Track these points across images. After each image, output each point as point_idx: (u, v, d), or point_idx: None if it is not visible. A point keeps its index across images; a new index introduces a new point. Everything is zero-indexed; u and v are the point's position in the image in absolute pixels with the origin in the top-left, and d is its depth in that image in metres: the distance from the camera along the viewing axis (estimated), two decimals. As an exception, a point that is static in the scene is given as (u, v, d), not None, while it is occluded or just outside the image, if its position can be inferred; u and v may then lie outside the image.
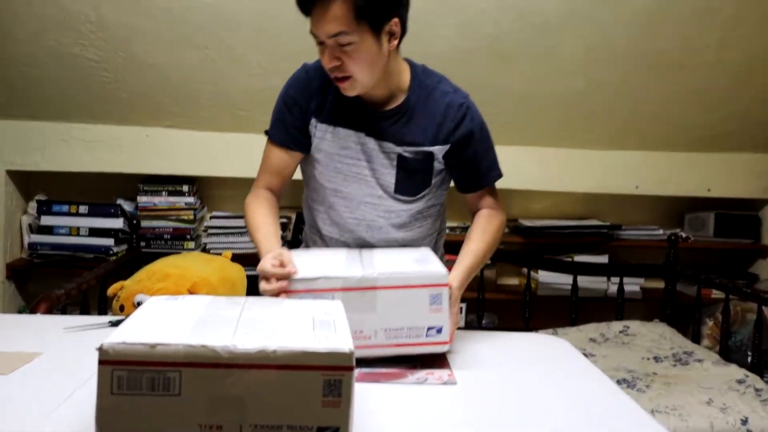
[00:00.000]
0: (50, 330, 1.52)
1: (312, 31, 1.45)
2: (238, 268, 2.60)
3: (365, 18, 1.41)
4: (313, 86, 1.59)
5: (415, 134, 1.57)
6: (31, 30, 2.65)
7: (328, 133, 1.59)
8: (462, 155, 1.61)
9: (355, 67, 1.45)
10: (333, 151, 1.59)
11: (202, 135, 3.08)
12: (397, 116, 1.57)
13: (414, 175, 1.60)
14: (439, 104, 1.59)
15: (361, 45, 1.43)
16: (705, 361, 2.47)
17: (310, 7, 1.43)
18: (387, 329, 1.33)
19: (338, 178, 1.61)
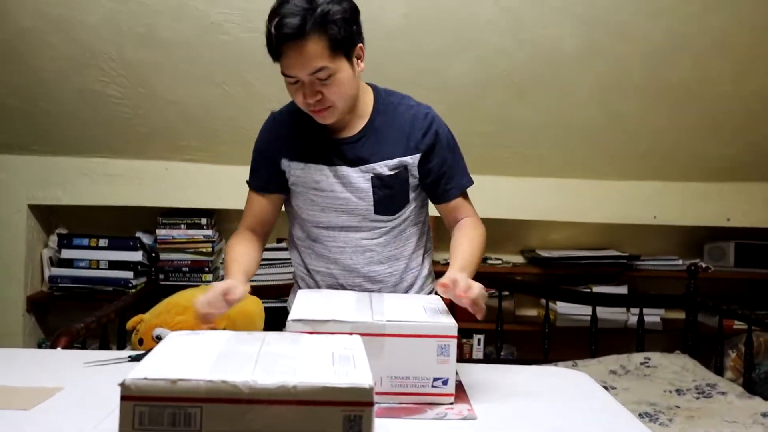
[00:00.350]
0: (71, 365, 1.53)
1: (286, 73, 1.47)
2: (256, 300, 2.61)
3: (340, 48, 1.46)
4: (281, 130, 1.66)
5: (386, 148, 1.60)
6: (55, 68, 2.71)
7: (299, 170, 1.63)
8: (431, 163, 1.62)
9: (335, 96, 1.49)
10: (308, 187, 1.63)
11: (220, 168, 3.11)
12: (365, 137, 1.60)
13: (392, 191, 1.61)
14: (405, 117, 1.62)
15: (339, 75, 1.47)
16: (729, 393, 2.43)
17: (281, 50, 1.44)
18: (393, 377, 1.32)
19: (315, 209, 1.64)
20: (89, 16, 2.54)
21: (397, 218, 1.65)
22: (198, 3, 2.52)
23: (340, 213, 1.63)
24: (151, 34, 2.60)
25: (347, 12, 1.47)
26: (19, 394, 1.28)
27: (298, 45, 1.42)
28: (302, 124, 1.63)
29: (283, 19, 1.40)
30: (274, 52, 1.46)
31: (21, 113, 2.89)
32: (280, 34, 1.41)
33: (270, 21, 1.44)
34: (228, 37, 2.61)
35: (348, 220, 1.63)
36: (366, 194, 1.60)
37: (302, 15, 1.40)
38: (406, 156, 1.61)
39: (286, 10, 1.41)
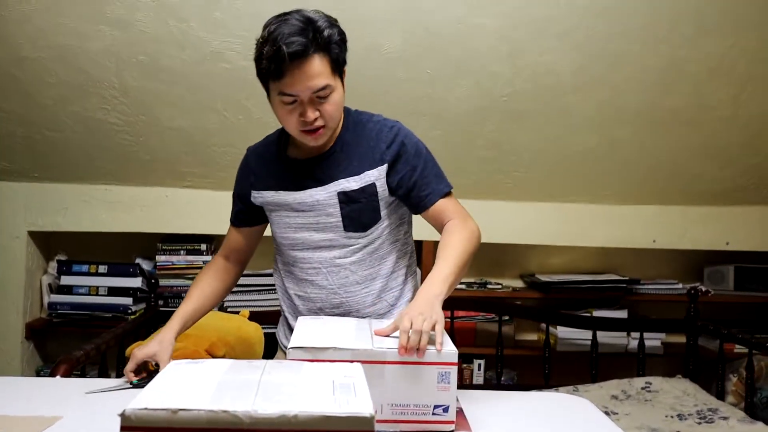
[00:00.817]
0: (70, 393, 1.52)
1: (288, 92, 1.49)
2: (256, 327, 2.61)
3: (338, 68, 1.53)
4: (252, 164, 1.75)
5: (353, 164, 1.62)
6: (56, 96, 2.73)
7: (270, 197, 1.69)
8: (400, 174, 1.62)
9: (330, 114, 1.53)
10: (281, 211, 1.68)
11: (220, 195, 3.11)
12: (333, 154, 1.63)
13: (359, 206, 1.62)
14: (371, 131, 1.65)
15: (335, 94, 1.53)
16: (730, 418, 2.42)
17: (285, 69, 1.46)
18: (393, 404, 1.32)
19: (289, 231, 1.68)
20: (90, 44, 2.57)
21: (369, 235, 1.65)
22: (199, 32, 2.55)
23: (312, 232, 1.65)
24: (153, 63, 2.62)
25: (341, 35, 1.54)
26: (17, 424, 1.28)
27: (304, 63, 1.45)
28: (272, 153, 1.71)
29: (289, 38, 1.44)
30: (275, 72, 1.47)
31: (21, 140, 2.91)
32: (287, 53, 1.43)
33: (270, 42, 1.46)
34: (229, 65, 2.64)
35: (320, 239, 1.65)
36: (334, 210, 1.63)
37: (306, 35, 1.45)
38: (372, 169, 1.62)
39: (288, 30, 1.45)
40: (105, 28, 2.52)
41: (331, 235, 1.64)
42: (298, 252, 1.69)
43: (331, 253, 1.66)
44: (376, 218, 1.64)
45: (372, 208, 1.63)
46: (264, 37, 1.48)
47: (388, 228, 1.68)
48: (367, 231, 1.64)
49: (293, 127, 1.55)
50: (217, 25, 2.53)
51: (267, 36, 1.47)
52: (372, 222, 1.64)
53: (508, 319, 3.20)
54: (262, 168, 1.72)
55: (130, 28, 2.52)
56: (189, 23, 2.52)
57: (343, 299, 1.67)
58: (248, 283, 3.13)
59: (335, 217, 1.63)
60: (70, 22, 2.50)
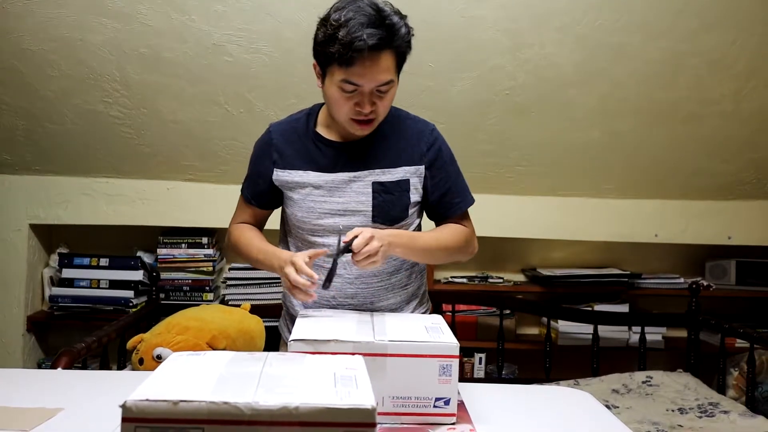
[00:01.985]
0: (71, 385, 1.53)
1: (353, 81, 1.48)
2: (257, 320, 2.60)
3: (401, 66, 1.54)
4: (273, 142, 1.68)
5: (390, 156, 1.63)
6: (58, 89, 2.73)
7: (297, 177, 1.64)
8: (435, 179, 1.65)
9: (383, 109, 1.55)
10: (305, 193, 1.64)
11: (221, 188, 3.12)
12: (370, 143, 1.63)
13: (392, 199, 1.62)
14: (411, 129, 1.66)
15: (392, 90, 1.54)
16: (731, 412, 2.42)
17: (356, 58, 1.44)
18: (394, 397, 1.32)
19: (312, 216, 1.64)
20: (92, 36, 2.56)
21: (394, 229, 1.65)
22: (200, 24, 2.54)
23: (338, 217, 1.63)
24: (154, 55, 2.62)
25: (409, 33, 1.53)
26: (19, 415, 1.28)
27: (377, 57, 1.46)
28: (301, 132, 1.66)
29: (367, 29, 1.43)
30: (346, 60, 1.45)
31: (23, 133, 2.91)
32: (366, 45, 1.43)
33: (346, 28, 1.44)
34: (230, 58, 2.63)
35: (346, 226, 1.61)
36: (366, 199, 1.62)
37: (383, 28, 1.45)
38: (409, 166, 1.63)
39: (364, 20, 1.44)
40: (106, 21, 2.52)
41: (357, 224, 1.62)
42: (319, 238, 1.65)
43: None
44: (404, 215, 1.65)
45: (402, 204, 1.64)
46: (337, 21, 1.46)
47: (411, 227, 1.69)
48: (392, 225, 1.64)
49: (344, 114, 1.54)
50: (218, 17, 2.52)
51: (341, 21, 1.45)
52: (400, 218, 1.65)
53: (509, 313, 3.20)
54: (288, 146, 1.67)
55: (131, 21, 2.52)
56: (190, 16, 2.52)
57: (358, 290, 1.66)
58: (249, 276, 3.13)
59: (366, 205, 1.62)
60: (71, 14, 2.50)
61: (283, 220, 1.77)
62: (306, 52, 2.62)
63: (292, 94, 2.75)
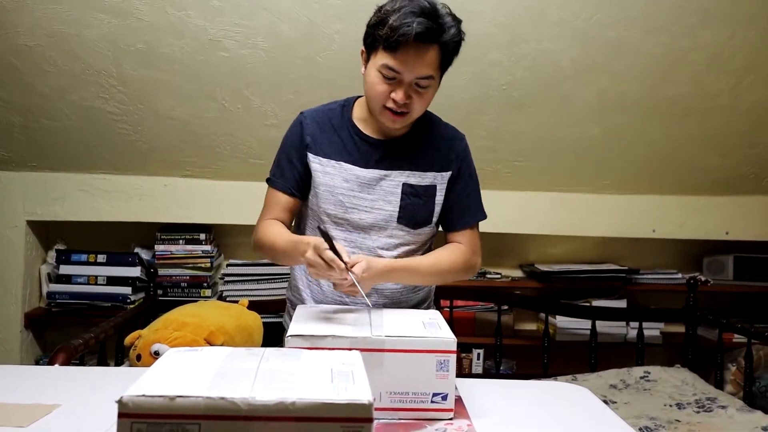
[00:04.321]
0: (68, 381, 1.52)
1: (394, 67, 1.48)
2: (255, 316, 2.60)
3: (446, 64, 1.55)
4: (306, 128, 1.66)
5: (421, 159, 1.63)
6: (54, 84, 2.72)
7: (329, 167, 1.63)
8: (456, 188, 1.67)
9: (419, 105, 1.55)
10: (335, 184, 1.63)
11: (219, 184, 3.12)
12: (403, 142, 1.63)
13: (419, 203, 1.63)
14: (443, 135, 1.68)
15: (431, 88, 1.55)
16: (729, 407, 2.43)
17: (402, 45, 1.45)
18: (392, 393, 1.31)
19: (339, 208, 1.63)
20: (88, 32, 2.55)
21: (416, 234, 1.66)
22: (197, 20, 2.53)
23: (363, 213, 1.62)
24: (151, 51, 2.61)
25: (460, 38, 1.54)
26: (15, 411, 1.28)
27: (423, 48, 1.46)
28: (336, 122, 1.65)
29: (419, 17, 1.44)
30: (392, 44, 1.46)
31: (19, 129, 2.90)
32: (414, 32, 1.43)
33: (398, 13, 1.44)
34: (227, 53, 2.63)
35: (370, 223, 1.63)
36: (394, 199, 1.62)
37: (434, 22, 1.46)
38: (438, 172, 1.64)
39: (418, 10, 1.45)
40: (103, 16, 2.51)
41: (381, 222, 1.63)
42: (341, 231, 1.64)
43: (375, 242, 1.64)
44: (429, 220, 1.66)
45: (428, 210, 1.65)
46: (391, 7, 1.47)
47: (430, 234, 1.70)
48: (416, 229, 1.65)
49: (378, 100, 1.53)
50: (215, 13, 2.52)
51: (395, 7, 1.46)
52: (424, 222, 1.66)
53: (507, 309, 3.20)
54: (322, 134, 1.65)
55: (128, 17, 2.51)
56: (187, 11, 2.51)
57: (373, 290, 1.65)
58: (247, 272, 3.13)
59: (393, 206, 1.63)
60: (67, 10, 2.49)
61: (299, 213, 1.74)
62: (303, 48, 2.63)
63: (290, 89, 2.75)
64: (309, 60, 2.67)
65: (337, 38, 2.60)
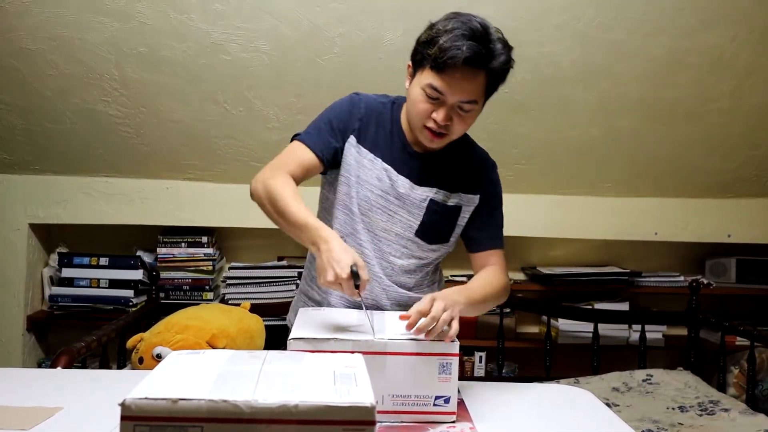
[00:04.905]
0: (71, 384, 1.52)
1: (439, 88, 1.46)
2: (257, 319, 2.61)
3: (491, 91, 1.53)
4: (361, 111, 1.63)
5: (450, 178, 1.63)
6: (56, 87, 2.73)
7: (366, 160, 1.61)
8: (481, 210, 1.67)
9: (459, 128, 1.53)
10: (367, 179, 1.61)
11: (221, 187, 3.12)
12: (439, 159, 1.62)
13: (440, 220, 1.63)
14: (475, 159, 1.69)
15: (474, 112, 1.52)
16: (732, 410, 2.42)
17: (451, 67, 1.43)
18: (394, 396, 1.32)
19: (365, 205, 1.62)
20: (90, 35, 2.56)
21: (431, 249, 1.66)
22: (199, 23, 2.54)
23: (386, 216, 1.62)
24: (153, 54, 2.62)
25: (509, 65, 1.51)
26: (18, 414, 1.28)
27: (470, 72, 1.44)
28: (385, 119, 1.64)
29: (470, 41, 1.42)
30: (439, 65, 1.44)
31: (22, 132, 2.91)
32: (463, 55, 1.41)
33: (449, 34, 1.43)
34: (229, 57, 2.63)
35: (387, 228, 1.62)
36: (418, 212, 1.62)
37: (484, 49, 1.44)
38: (465, 193, 1.65)
39: (471, 34, 1.43)
40: (105, 20, 2.52)
41: (399, 230, 1.62)
42: (365, 229, 1.63)
43: (389, 247, 1.63)
44: (446, 239, 1.67)
45: (448, 230, 1.65)
46: (444, 27, 1.45)
47: (444, 252, 1.70)
48: (432, 245, 1.65)
49: (418, 118, 1.52)
50: (217, 16, 2.52)
51: (447, 28, 1.44)
52: (442, 239, 1.66)
53: (509, 312, 3.19)
54: (370, 124, 1.63)
55: (130, 20, 2.52)
56: (189, 15, 2.52)
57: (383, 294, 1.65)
58: (249, 275, 3.13)
59: (415, 218, 1.62)
60: (70, 13, 2.50)
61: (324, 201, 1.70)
62: (305, 51, 2.64)
63: (291, 92, 2.75)
64: (311, 63, 2.67)
65: (338, 41, 2.61)
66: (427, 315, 1.33)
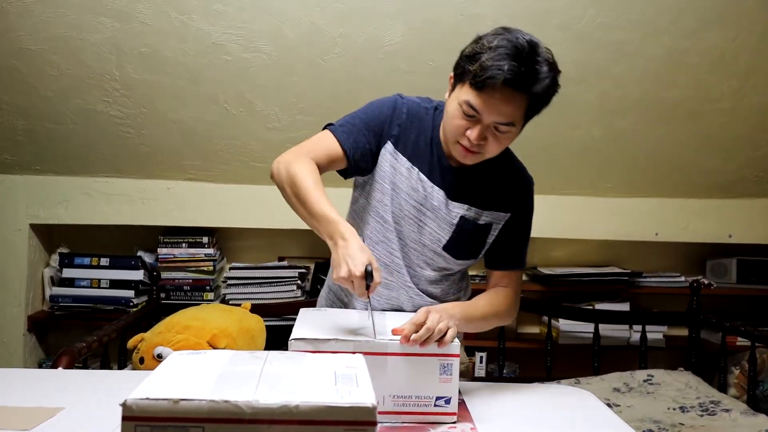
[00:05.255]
0: (72, 384, 1.52)
1: (474, 105, 1.41)
2: (258, 319, 2.61)
3: (530, 115, 1.47)
4: (401, 116, 1.58)
5: (485, 194, 1.58)
6: (57, 88, 2.73)
7: (404, 168, 1.57)
8: (508, 228, 1.62)
9: (494, 148, 1.47)
10: (402, 187, 1.57)
11: (221, 187, 3.12)
12: (475, 173, 1.57)
13: (469, 238, 1.59)
14: (513, 176, 1.63)
15: (511, 134, 1.47)
16: (733, 410, 2.42)
17: (491, 88, 1.38)
18: (395, 396, 1.31)
19: (399, 214, 1.58)
20: (91, 36, 2.56)
21: (458, 264, 1.63)
22: (200, 23, 2.54)
23: (415, 227, 1.58)
24: (154, 55, 2.62)
25: (553, 88, 1.46)
26: (19, 415, 1.28)
27: (511, 94, 1.38)
28: (425, 126, 1.58)
29: (512, 62, 1.36)
30: (478, 83, 1.38)
31: (23, 133, 2.91)
32: (503, 77, 1.35)
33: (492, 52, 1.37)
34: (230, 57, 2.63)
35: (416, 238, 1.58)
36: (448, 227, 1.58)
37: (527, 71, 1.37)
38: (497, 211, 1.60)
39: (515, 53, 1.36)
40: (106, 20, 2.52)
41: (427, 242, 1.59)
42: (395, 237, 1.60)
43: (417, 258, 1.60)
44: (475, 255, 1.63)
45: (477, 247, 1.62)
46: (488, 43, 1.39)
47: (471, 264, 1.67)
48: (459, 260, 1.62)
49: (453, 134, 1.47)
50: (217, 17, 2.52)
51: (491, 45, 1.38)
52: (469, 256, 1.63)
53: (509, 312, 3.19)
54: (410, 131, 1.58)
55: (131, 20, 2.52)
56: (190, 15, 2.52)
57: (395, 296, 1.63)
58: (250, 275, 3.13)
59: (444, 232, 1.58)
60: (71, 13, 2.50)
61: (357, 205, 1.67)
62: (306, 51, 2.64)
63: (292, 93, 2.75)
64: (312, 63, 2.67)
65: (339, 41, 2.61)
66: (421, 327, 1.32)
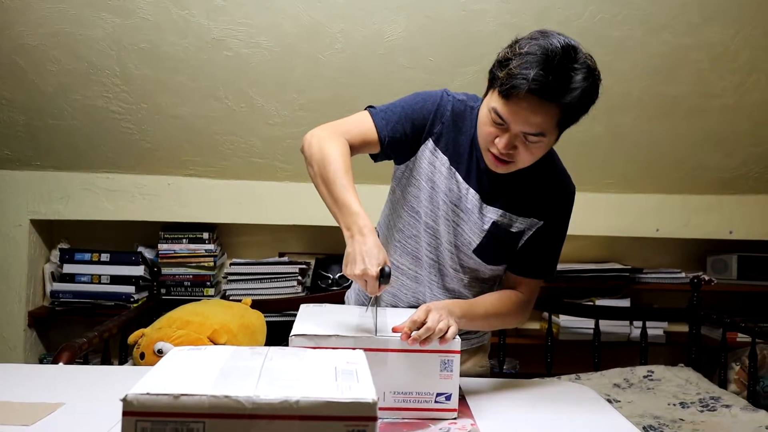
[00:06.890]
0: (72, 380, 1.52)
1: (500, 114, 1.35)
2: (258, 314, 2.61)
3: (564, 126, 1.40)
4: (446, 114, 1.52)
5: (522, 199, 1.52)
6: (57, 84, 2.72)
7: (445, 168, 1.52)
8: (539, 236, 1.55)
9: (525, 158, 1.41)
10: (442, 188, 1.52)
11: (222, 183, 3.12)
12: (509, 179, 1.50)
13: (500, 244, 1.54)
14: (553, 183, 1.56)
15: (543, 144, 1.40)
16: (733, 406, 2.42)
17: (512, 96, 1.31)
18: (395, 392, 1.32)
19: (434, 214, 1.54)
20: (92, 31, 2.56)
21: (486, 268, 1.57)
22: (200, 19, 2.53)
23: (448, 227, 1.53)
24: (154, 50, 2.62)
25: (591, 96, 1.39)
26: (20, 410, 1.28)
27: (539, 104, 1.31)
28: (466, 126, 1.52)
29: (536, 70, 1.29)
30: (506, 91, 1.32)
31: (23, 128, 2.90)
32: (526, 86, 1.29)
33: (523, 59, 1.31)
34: (230, 52, 2.63)
35: (448, 238, 1.54)
36: (479, 231, 1.53)
37: (556, 78, 1.30)
38: (531, 218, 1.53)
39: (546, 61, 1.29)
40: (106, 16, 2.51)
41: (459, 243, 1.54)
42: (429, 236, 1.56)
43: (447, 258, 1.56)
44: (503, 261, 1.57)
45: (507, 254, 1.56)
46: (520, 49, 1.33)
47: (501, 272, 1.61)
48: (489, 265, 1.56)
49: (484, 141, 1.43)
50: (218, 12, 2.52)
51: (522, 51, 1.32)
52: (498, 261, 1.57)
53: (510, 308, 3.19)
54: (452, 130, 1.52)
55: (131, 16, 2.51)
56: (190, 10, 2.51)
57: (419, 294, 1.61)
58: (250, 271, 3.13)
59: (476, 236, 1.53)
60: (71, 9, 2.49)
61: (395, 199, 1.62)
62: (306, 46, 2.63)
63: (293, 88, 2.75)
64: (312, 59, 2.67)
65: (340, 37, 2.60)
66: (422, 326, 1.31)
